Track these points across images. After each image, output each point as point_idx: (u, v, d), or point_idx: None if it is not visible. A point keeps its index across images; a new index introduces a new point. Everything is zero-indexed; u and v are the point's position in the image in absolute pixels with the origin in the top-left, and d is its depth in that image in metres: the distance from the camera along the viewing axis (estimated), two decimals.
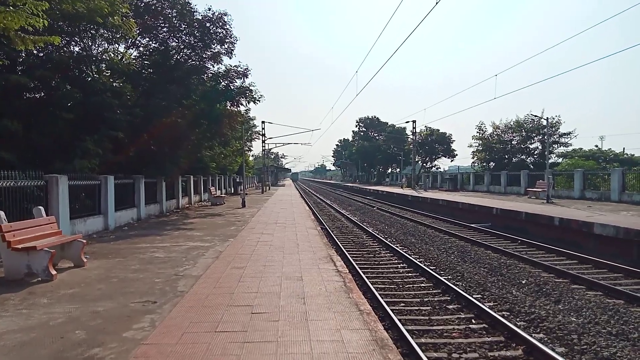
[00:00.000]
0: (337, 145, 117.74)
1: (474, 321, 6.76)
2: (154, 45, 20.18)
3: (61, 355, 4.16)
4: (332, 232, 16.30)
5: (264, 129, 45.48)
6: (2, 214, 7.25)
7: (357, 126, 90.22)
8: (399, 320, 6.48)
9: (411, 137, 50.35)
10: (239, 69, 21.54)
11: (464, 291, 8.12)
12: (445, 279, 9.09)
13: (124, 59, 19.20)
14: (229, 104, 21.90)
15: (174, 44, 20.50)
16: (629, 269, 9.95)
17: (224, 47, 20.69)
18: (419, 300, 7.90)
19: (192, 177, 26.36)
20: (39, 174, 10.53)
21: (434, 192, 36.63)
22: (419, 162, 59.63)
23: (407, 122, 47.85)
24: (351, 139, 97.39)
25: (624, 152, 47.53)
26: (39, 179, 10.52)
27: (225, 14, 20.20)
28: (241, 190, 29.06)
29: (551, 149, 38.75)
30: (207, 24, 20.04)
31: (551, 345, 5.83)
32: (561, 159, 42.29)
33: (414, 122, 46.74)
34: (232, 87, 21.40)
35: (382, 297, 7.68)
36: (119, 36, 16.23)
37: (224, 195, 32.90)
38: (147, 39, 20.07)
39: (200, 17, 20.01)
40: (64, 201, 11.14)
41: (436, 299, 7.92)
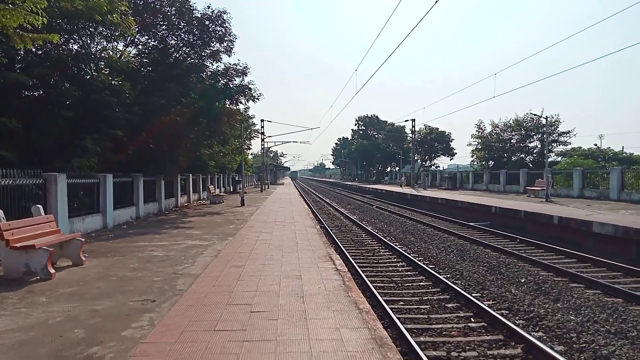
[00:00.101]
0: (336, 143, 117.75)
1: (473, 320, 6.77)
2: (153, 43, 20.17)
3: (60, 354, 4.15)
4: (331, 230, 16.31)
5: (263, 127, 45.44)
6: (0, 212, 7.23)
7: (356, 124, 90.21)
8: (398, 318, 6.48)
9: (410, 135, 50.34)
10: (238, 67, 21.57)
11: (463, 290, 8.12)
12: (444, 277, 9.10)
13: (123, 57, 19.18)
14: (228, 102, 21.93)
15: (173, 42, 20.50)
16: (627, 268, 9.97)
17: (223, 45, 20.72)
18: (418, 298, 7.91)
19: (191, 175, 26.35)
20: (38, 173, 10.51)
21: (433, 191, 36.67)
22: (418, 160, 59.15)
23: (406, 120, 48.03)
24: (350, 137, 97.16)
25: (623, 150, 47.57)
26: (38, 177, 10.50)
27: (224, 12, 20.20)
28: (240, 188, 29.07)
29: (550, 148, 38.78)
30: (206, 22, 20.03)
31: (550, 343, 5.84)
32: (560, 158, 42.33)
33: (413, 120, 46.61)
34: (231, 86, 21.42)
35: (381, 296, 7.68)
36: (117, 34, 16.23)
37: (223, 193, 32.84)
38: (146, 37, 20.06)
39: (199, 15, 20.00)
40: (62, 199, 11.13)
41: (435, 298, 7.92)
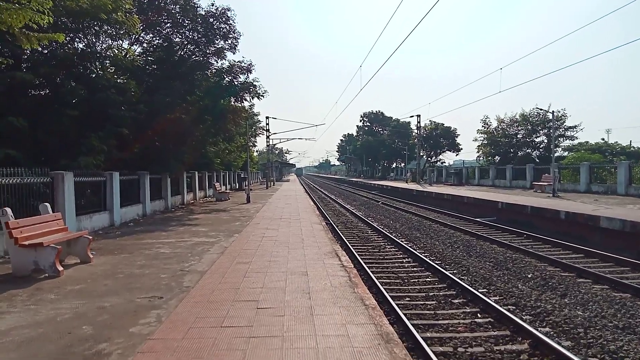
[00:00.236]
0: (341, 140, 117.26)
1: (479, 315, 6.75)
2: (157, 41, 20.22)
3: (69, 350, 4.19)
4: (337, 227, 16.31)
5: (268, 124, 45.52)
6: (8, 210, 7.30)
7: (361, 121, 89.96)
8: (405, 314, 6.48)
9: (416, 131, 50.10)
10: (243, 65, 21.58)
11: (469, 285, 8.10)
12: (450, 273, 9.08)
13: (128, 55, 19.25)
14: (232, 100, 21.97)
15: (177, 39, 20.54)
16: (635, 263, 9.89)
17: (227, 42, 20.74)
18: (424, 294, 7.90)
19: (196, 173, 26.45)
20: (45, 171, 10.59)
21: (438, 187, 36.55)
22: (424, 156, 58.27)
23: (411, 116, 48.02)
24: (355, 133, 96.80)
25: (631, 145, 47.19)
26: (45, 175, 10.58)
27: (228, 9, 20.20)
28: (246, 185, 29.13)
29: (557, 143, 38.49)
30: (211, 20, 20.05)
31: (557, 339, 5.82)
32: (567, 153, 42.04)
33: (419, 116, 46.49)
34: (236, 83, 21.46)
35: (388, 292, 7.68)
36: (122, 32, 16.28)
37: (228, 191, 32.97)
38: (151, 35, 20.12)
39: (203, 13, 20.02)
40: (69, 197, 11.21)
41: (441, 294, 7.91)
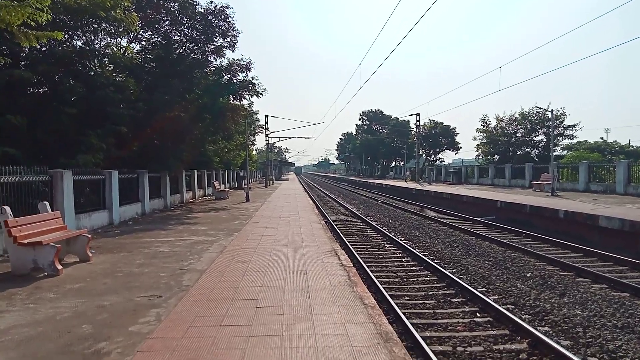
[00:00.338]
0: (340, 138, 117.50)
1: (478, 314, 6.77)
2: (156, 39, 20.17)
3: (68, 349, 4.19)
4: (337, 226, 16.32)
5: (267, 122, 45.57)
6: (7, 209, 7.29)
7: (360, 119, 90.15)
8: (404, 314, 6.49)
9: (415, 130, 49.96)
10: (242, 63, 21.56)
11: (468, 284, 8.12)
12: (449, 272, 9.09)
13: (127, 53, 19.20)
14: (232, 98, 21.96)
15: (176, 37, 20.49)
16: (634, 262, 9.91)
17: (226, 40, 20.68)
18: (423, 294, 7.91)
19: (195, 171, 26.45)
20: (44, 169, 10.58)
21: (438, 186, 36.58)
22: (423, 155, 57.99)
23: (410, 115, 47.37)
24: (355, 132, 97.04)
25: (630, 144, 47.22)
26: (44, 174, 10.56)
27: (227, 7, 20.15)
28: (245, 184, 29.13)
29: (556, 142, 38.53)
30: (209, 17, 20.00)
31: (556, 338, 5.83)
32: (566, 152, 42.04)
33: (418, 115, 46.04)
34: (235, 81, 21.43)
35: (387, 291, 7.69)
36: (121, 30, 16.24)
37: (227, 189, 32.97)
38: (150, 33, 20.06)
39: (202, 11, 19.96)
40: (68, 196, 11.19)
41: (440, 293, 7.92)
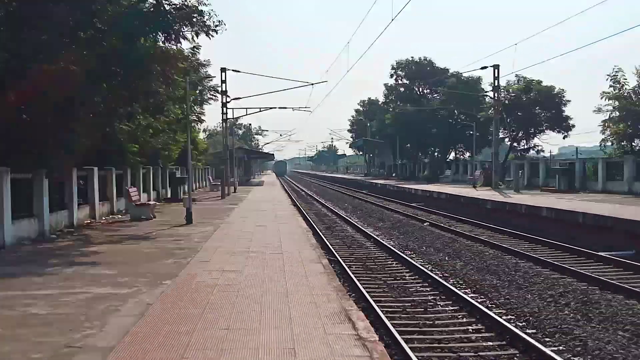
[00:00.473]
0: (356, 111, 69.38)
1: None
2: None
3: None
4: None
5: (224, 81, 26.68)
6: None
7: (393, 75, 49.39)
8: None
9: (490, 94, 30.13)
10: None
11: None
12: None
13: None
14: (162, 39, 13.48)
15: None
16: None
17: None
18: None
19: (96, 170, 15.73)
20: None
21: (532, 194, 22.85)
22: (506, 139, 36.26)
23: (482, 67, 27.56)
24: (383, 99, 55.69)
25: None
26: None
27: None
28: (185, 193, 19.70)
29: None
30: None
31: None
32: None
33: (496, 67, 27.28)
34: (167, 7, 13.05)
35: None
36: None
37: (153, 202, 19.01)
38: None
39: None
40: None
41: None
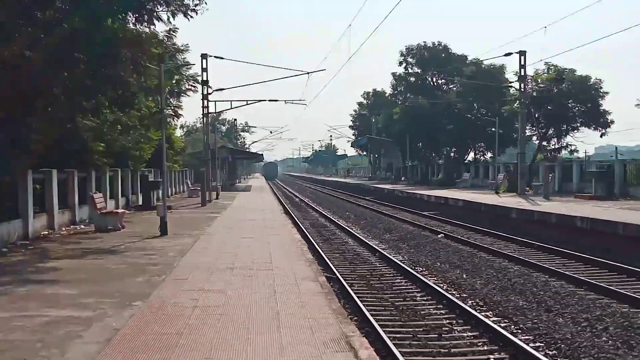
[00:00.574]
0: (359, 105, 62.37)
1: None
2: None
3: None
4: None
5: (205, 69, 23.63)
6: None
7: (402, 62, 43.19)
8: None
9: (516, 85, 26.11)
10: None
11: None
12: None
13: None
14: (132, 19, 11.90)
15: None
16: None
17: None
18: None
19: (55, 173, 13.61)
20: None
21: (564, 201, 20.29)
22: (533, 137, 31.87)
23: (506, 54, 23.98)
24: (390, 90, 49.22)
25: None
26: None
27: None
28: (160, 200, 17.76)
29: None
30: None
31: None
32: None
33: (523, 54, 23.59)
34: None
35: None
36: None
37: (121, 210, 16.62)
38: None
39: None
40: None
41: None
